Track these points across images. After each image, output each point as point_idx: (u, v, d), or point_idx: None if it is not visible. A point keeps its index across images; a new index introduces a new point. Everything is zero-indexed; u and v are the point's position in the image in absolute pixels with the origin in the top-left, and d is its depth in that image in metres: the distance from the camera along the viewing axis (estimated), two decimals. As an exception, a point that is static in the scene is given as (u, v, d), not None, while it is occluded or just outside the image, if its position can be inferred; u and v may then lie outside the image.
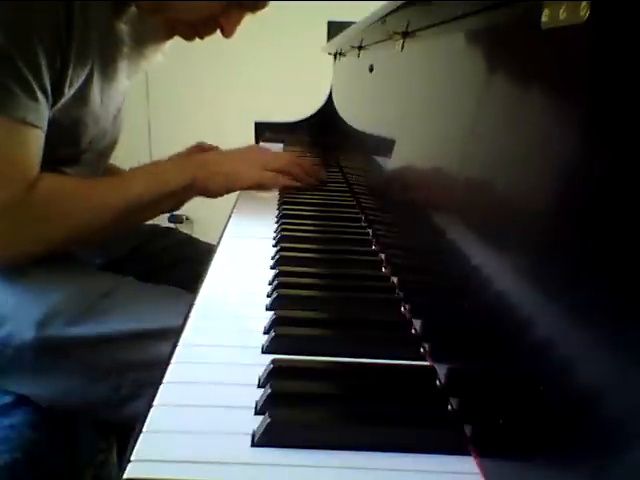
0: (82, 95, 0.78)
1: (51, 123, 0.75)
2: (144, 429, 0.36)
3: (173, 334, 0.48)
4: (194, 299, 0.55)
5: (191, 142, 1.03)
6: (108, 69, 0.83)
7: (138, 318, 0.70)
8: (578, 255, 0.28)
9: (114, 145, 0.96)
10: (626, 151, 0.25)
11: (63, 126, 0.77)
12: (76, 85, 0.76)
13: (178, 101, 2.22)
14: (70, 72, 0.73)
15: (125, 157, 1.18)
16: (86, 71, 0.77)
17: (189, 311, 0.52)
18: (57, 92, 0.73)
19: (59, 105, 0.75)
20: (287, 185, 0.94)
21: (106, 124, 0.87)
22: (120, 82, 0.89)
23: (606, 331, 0.25)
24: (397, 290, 0.59)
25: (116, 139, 0.96)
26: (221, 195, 0.89)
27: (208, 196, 0.88)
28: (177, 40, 0.88)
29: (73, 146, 0.82)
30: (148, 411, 0.38)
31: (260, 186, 0.91)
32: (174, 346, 0.46)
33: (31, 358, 0.69)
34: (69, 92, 0.75)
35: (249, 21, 0.96)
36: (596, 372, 0.25)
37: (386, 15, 0.69)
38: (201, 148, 1.01)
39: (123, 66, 0.88)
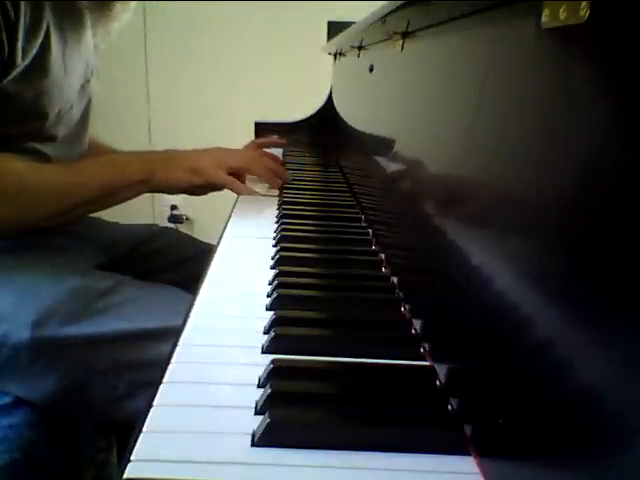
0: (40, 65, 0.76)
1: (12, 97, 0.74)
2: (144, 429, 0.36)
3: (171, 334, 0.48)
4: (194, 299, 0.55)
5: (191, 142, 1.04)
6: (68, 36, 0.81)
7: (135, 318, 0.70)
8: (578, 255, 0.28)
9: (86, 119, 0.94)
10: (626, 151, 0.25)
11: (26, 99, 0.76)
12: (30, 55, 0.75)
13: (178, 101, 2.22)
14: (20, 44, 0.72)
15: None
16: (39, 40, 0.75)
17: (189, 311, 0.52)
18: (8, 64, 0.72)
19: (14, 76, 0.74)
20: (242, 191, 0.93)
21: (71, 96, 0.86)
22: (86, 49, 0.88)
23: (606, 330, 0.25)
24: (397, 290, 0.59)
25: (86, 113, 0.94)
26: (180, 191, 0.90)
27: (167, 190, 0.89)
28: (177, 40, 0.88)
29: (41, 119, 0.81)
30: (148, 411, 0.38)
31: (220, 185, 0.91)
32: (174, 346, 0.46)
33: (27, 358, 0.68)
34: (23, 62, 0.74)
35: (249, 21, 0.96)
36: (596, 372, 0.25)
37: (386, 15, 0.69)
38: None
39: (87, 32, 0.87)
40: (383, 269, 0.65)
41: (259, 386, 0.41)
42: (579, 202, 0.29)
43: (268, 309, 0.53)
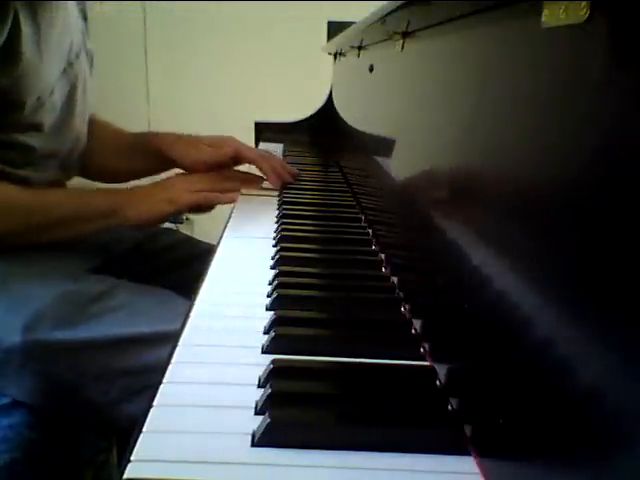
0: (11, 51, 0.74)
1: None
2: (144, 429, 0.36)
3: (164, 340, 0.48)
4: (194, 299, 0.55)
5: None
6: (41, 20, 0.78)
7: (128, 323, 0.70)
8: (578, 254, 0.28)
9: (72, 104, 0.89)
10: (626, 151, 0.25)
11: (1, 87, 0.74)
12: None
13: (178, 101, 2.22)
14: None
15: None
16: (7, 28, 0.72)
17: (189, 311, 0.52)
18: None
19: None
20: (214, 201, 0.91)
21: (50, 79, 0.83)
22: (68, 32, 0.85)
23: (607, 330, 0.25)
24: (397, 290, 0.59)
25: (72, 97, 0.89)
26: (154, 222, 0.88)
27: (140, 222, 0.86)
28: (177, 40, 0.88)
29: (19, 107, 0.78)
30: (148, 411, 0.38)
31: (195, 207, 0.90)
32: (174, 346, 0.46)
33: (19, 361, 0.68)
34: None
35: (249, 21, 0.96)
36: (596, 372, 0.25)
37: (386, 15, 0.69)
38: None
39: (68, 14, 0.85)
40: (383, 269, 0.65)
41: (259, 386, 0.41)
42: (579, 202, 0.29)
43: (268, 309, 0.53)
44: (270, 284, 0.59)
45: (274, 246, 0.71)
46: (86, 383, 0.69)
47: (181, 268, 0.99)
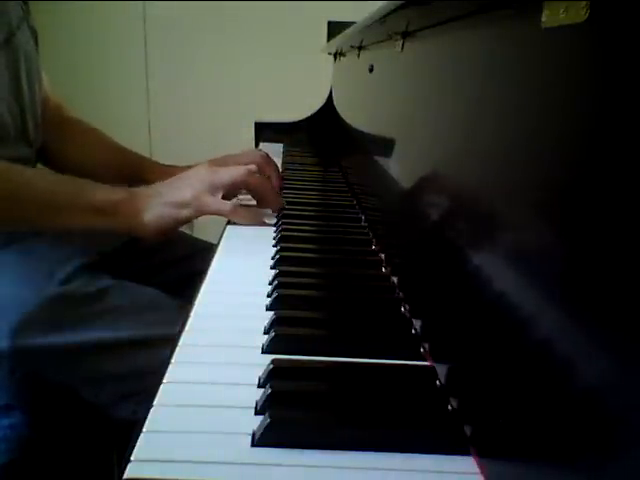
0: None
1: None
2: (144, 429, 0.36)
3: (151, 344, 0.47)
4: (194, 299, 0.55)
5: (191, 142, 1.03)
6: None
7: (116, 327, 0.69)
8: (579, 254, 0.28)
9: (17, 77, 0.83)
10: (626, 152, 0.25)
11: None
12: None
13: (178, 101, 2.22)
14: None
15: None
16: None
17: (189, 311, 0.52)
18: None
19: None
20: (248, 220, 0.80)
21: None
22: (5, 5, 0.81)
23: (607, 330, 0.25)
24: (397, 290, 0.59)
25: (16, 69, 0.83)
26: (163, 231, 0.75)
27: (146, 231, 0.74)
28: (177, 40, 0.87)
29: None
30: (148, 411, 0.38)
31: (220, 215, 0.79)
32: (174, 346, 0.46)
33: (8, 366, 0.67)
34: None
35: (249, 21, 0.95)
36: (596, 371, 0.25)
37: (386, 15, 0.69)
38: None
39: None
40: (383, 269, 0.65)
41: (259, 386, 0.41)
42: (579, 202, 0.29)
43: (268, 309, 0.53)
44: (270, 284, 0.59)
45: (274, 246, 0.71)
46: (76, 387, 0.68)
47: (177, 265, 0.98)
